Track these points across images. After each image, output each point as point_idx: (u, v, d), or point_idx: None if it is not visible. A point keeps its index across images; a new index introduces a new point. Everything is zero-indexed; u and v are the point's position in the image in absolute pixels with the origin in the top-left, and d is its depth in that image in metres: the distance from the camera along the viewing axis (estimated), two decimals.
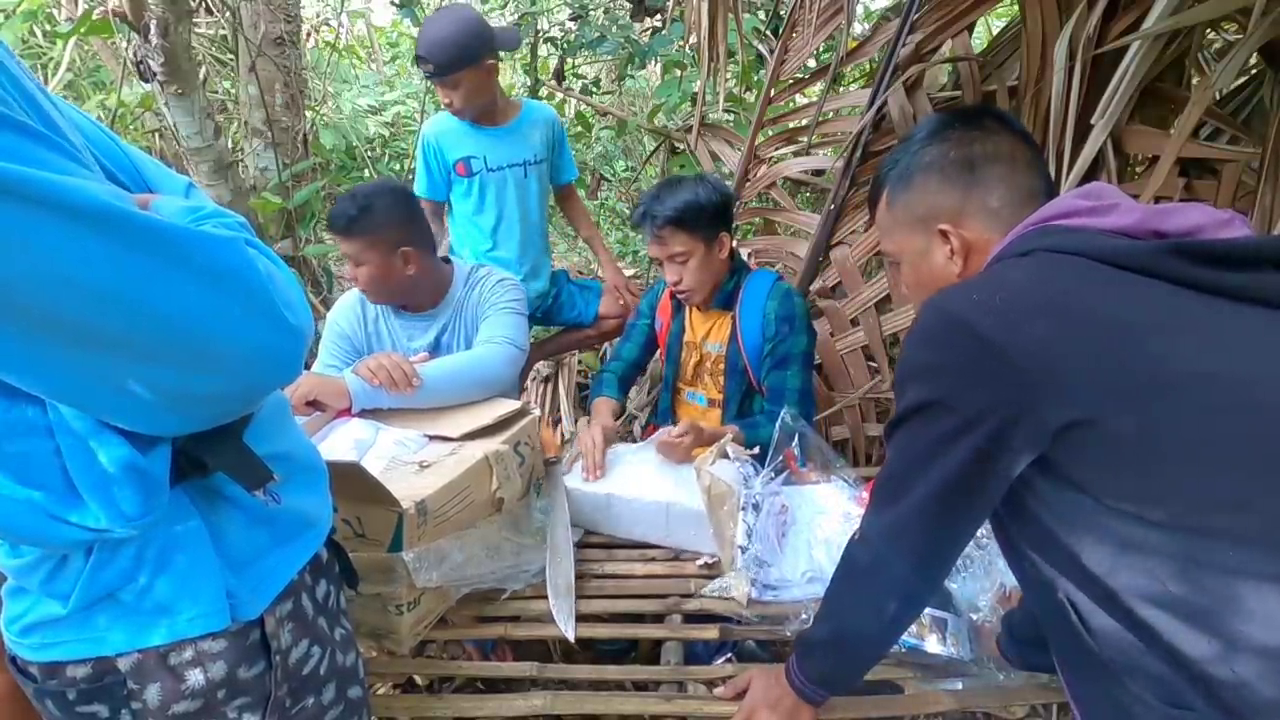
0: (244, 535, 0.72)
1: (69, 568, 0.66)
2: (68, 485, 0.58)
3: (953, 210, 0.91)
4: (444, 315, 1.73)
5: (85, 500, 0.58)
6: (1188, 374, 0.67)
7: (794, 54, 2.35)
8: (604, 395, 1.86)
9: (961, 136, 0.92)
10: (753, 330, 1.69)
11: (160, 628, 0.68)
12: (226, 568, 0.70)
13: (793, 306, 1.68)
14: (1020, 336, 0.72)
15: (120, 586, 0.67)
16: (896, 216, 0.97)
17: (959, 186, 0.90)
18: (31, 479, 0.58)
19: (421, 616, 1.24)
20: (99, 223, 0.48)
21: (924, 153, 0.93)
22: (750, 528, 1.35)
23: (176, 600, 0.68)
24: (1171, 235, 0.76)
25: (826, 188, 2.33)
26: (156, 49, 1.78)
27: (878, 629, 0.93)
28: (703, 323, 1.79)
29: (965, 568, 1.28)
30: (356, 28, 5.58)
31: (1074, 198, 0.83)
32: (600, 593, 1.38)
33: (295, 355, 0.63)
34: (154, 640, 0.68)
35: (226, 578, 0.70)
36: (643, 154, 5.16)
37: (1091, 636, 0.75)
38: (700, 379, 1.82)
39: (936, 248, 0.92)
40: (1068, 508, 0.74)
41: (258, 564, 0.73)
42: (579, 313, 2.44)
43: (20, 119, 0.49)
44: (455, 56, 1.95)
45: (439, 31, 1.95)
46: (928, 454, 0.79)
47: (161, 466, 0.62)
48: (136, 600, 0.67)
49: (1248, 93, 1.96)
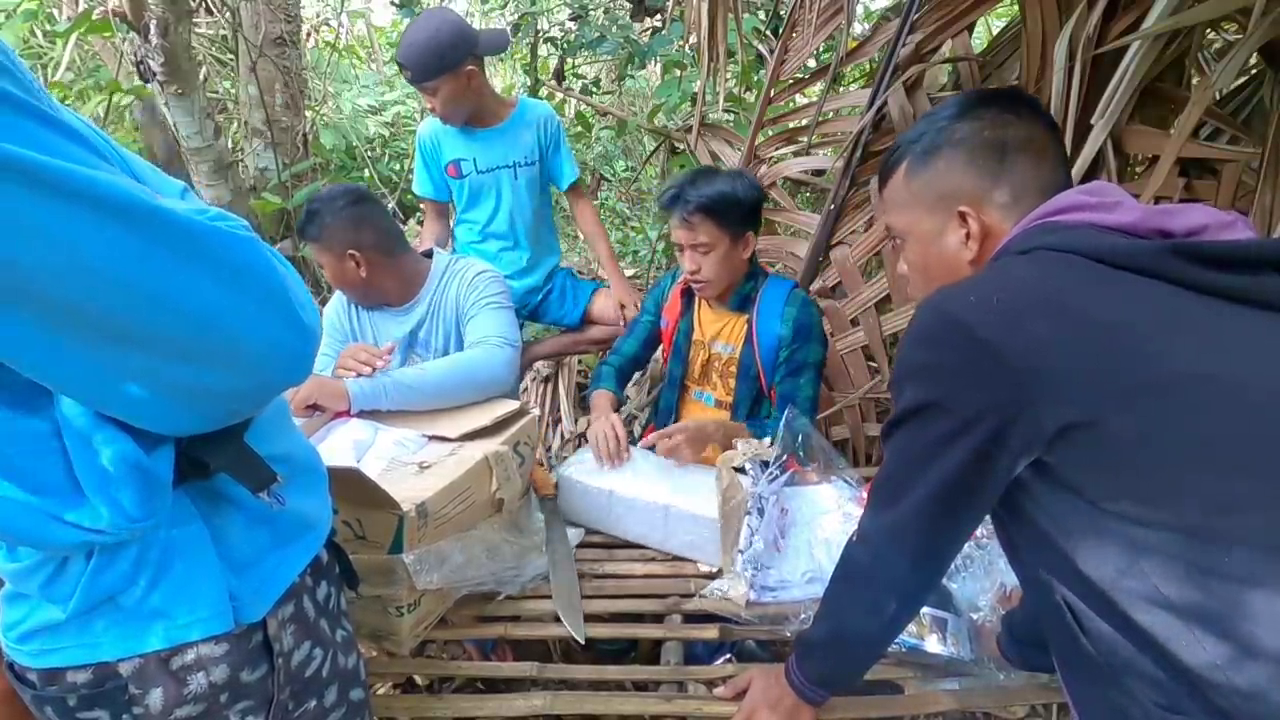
0: (245, 537, 0.72)
1: (68, 572, 0.66)
2: (70, 486, 0.58)
3: (977, 193, 0.87)
4: (419, 309, 1.75)
5: (87, 500, 0.58)
6: (1187, 375, 0.67)
7: (794, 54, 2.35)
8: (603, 388, 1.84)
9: (996, 118, 0.87)
10: (769, 335, 1.68)
11: (160, 631, 0.68)
12: (229, 570, 0.70)
13: (811, 315, 1.68)
14: (1018, 337, 0.71)
15: (121, 590, 0.66)
16: (913, 191, 0.92)
17: (987, 169, 0.86)
18: (32, 481, 0.58)
19: (421, 618, 1.24)
20: (124, 214, 0.48)
21: (954, 128, 0.89)
22: (753, 531, 1.36)
23: (177, 604, 0.68)
24: (1174, 235, 0.76)
25: (826, 188, 2.33)
26: (156, 49, 1.78)
27: (876, 629, 0.93)
28: (713, 322, 1.78)
29: (965, 568, 1.28)
30: (356, 28, 5.58)
31: (1077, 193, 0.82)
32: (600, 593, 1.39)
33: (308, 354, 0.63)
34: (155, 645, 0.67)
35: (229, 580, 0.70)
36: (643, 154, 5.16)
37: (1088, 638, 0.75)
38: (709, 379, 1.82)
39: (952, 230, 0.88)
40: (1064, 510, 0.74)
41: (259, 566, 0.73)
42: (565, 312, 2.40)
43: (45, 109, 0.49)
44: (432, 65, 1.93)
45: (416, 37, 1.93)
46: (925, 455, 0.79)
47: (165, 466, 0.61)
48: (137, 605, 0.67)
49: (1248, 93, 1.96)
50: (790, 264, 2.46)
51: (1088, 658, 0.75)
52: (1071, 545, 0.73)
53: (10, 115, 0.46)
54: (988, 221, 0.86)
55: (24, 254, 0.45)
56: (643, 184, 5.15)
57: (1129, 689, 0.72)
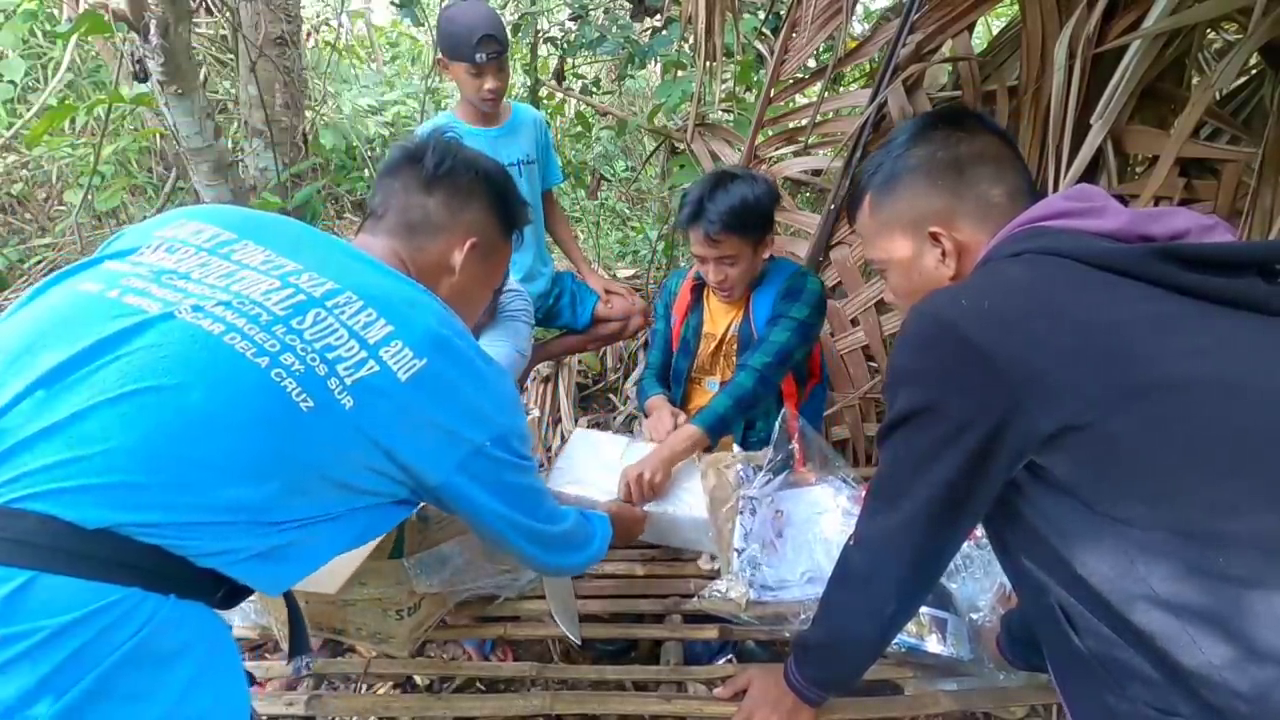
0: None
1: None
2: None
3: (943, 212, 0.89)
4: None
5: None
6: (1179, 377, 0.67)
7: (794, 54, 2.35)
8: (653, 394, 1.85)
9: (946, 137, 0.91)
10: (763, 308, 1.71)
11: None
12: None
13: (801, 282, 1.69)
14: (1009, 340, 0.72)
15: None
16: (881, 222, 0.95)
17: (948, 188, 0.89)
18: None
19: (421, 621, 1.24)
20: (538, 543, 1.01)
21: (908, 155, 0.92)
22: (747, 530, 1.36)
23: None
24: (1158, 239, 0.76)
25: (826, 188, 2.33)
26: (156, 49, 1.77)
27: (874, 631, 0.94)
28: (725, 313, 1.81)
29: (965, 568, 1.28)
30: (356, 28, 5.57)
31: (1061, 199, 0.83)
32: (600, 593, 1.39)
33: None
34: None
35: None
36: (643, 154, 5.16)
37: (1082, 639, 0.75)
38: (717, 365, 1.84)
39: (927, 251, 0.91)
40: (1057, 511, 0.74)
41: None
42: (575, 316, 2.46)
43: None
44: (507, 36, 2.01)
45: (483, 11, 1.99)
46: (920, 459, 0.79)
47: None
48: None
49: (1248, 93, 1.96)
50: None
51: (1081, 659, 0.75)
52: (1066, 547, 0.73)
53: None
54: (960, 237, 0.89)
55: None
56: (643, 184, 5.15)
57: (1123, 690, 0.72)
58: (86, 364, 0.67)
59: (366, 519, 0.83)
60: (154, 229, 0.83)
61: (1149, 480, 0.68)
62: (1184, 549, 0.66)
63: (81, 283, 0.75)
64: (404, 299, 0.82)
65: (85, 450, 0.63)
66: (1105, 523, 0.69)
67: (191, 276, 0.76)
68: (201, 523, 0.67)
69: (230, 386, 0.69)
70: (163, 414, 0.66)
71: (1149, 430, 0.67)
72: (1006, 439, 0.73)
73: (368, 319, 0.77)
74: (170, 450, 0.66)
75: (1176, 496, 0.67)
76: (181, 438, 0.66)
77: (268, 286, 0.76)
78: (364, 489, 0.78)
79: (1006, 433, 0.72)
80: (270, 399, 0.70)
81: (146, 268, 0.77)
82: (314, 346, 0.73)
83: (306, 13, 4.35)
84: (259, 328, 0.72)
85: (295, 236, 0.86)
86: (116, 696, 0.61)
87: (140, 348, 0.68)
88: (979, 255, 0.86)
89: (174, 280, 0.75)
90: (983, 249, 0.86)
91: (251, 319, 0.73)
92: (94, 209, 3.33)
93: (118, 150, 3.49)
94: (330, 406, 0.72)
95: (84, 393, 0.65)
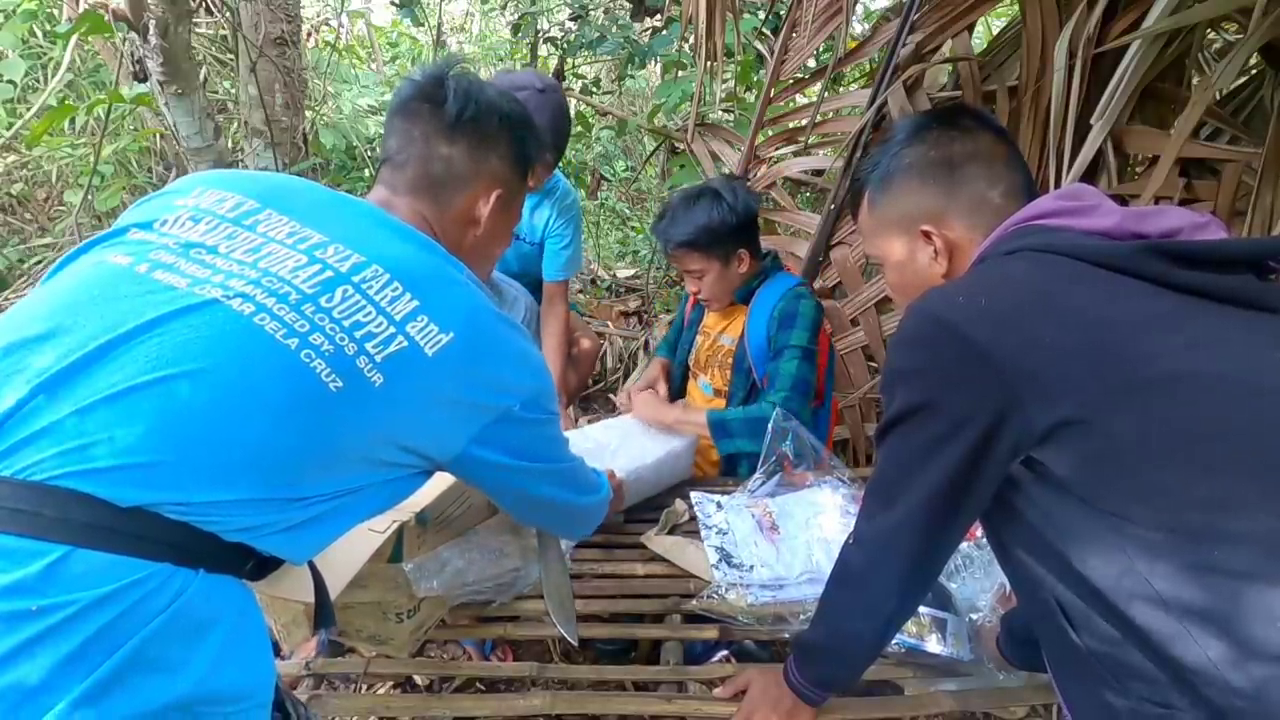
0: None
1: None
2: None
3: (935, 211, 0.90)
4: None
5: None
6: (1175, 373, 0.67)
7: (794, 54, 2.35)
8: (660, 355, 2.03)
9: (940, 136, 0.91)
10: (759, 330, 1.73)
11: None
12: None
13: (796, 305, 1.70)
14: (1006, 337, 0.72)
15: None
16: (878, 220, 0.97)
17: (940, 187, 0.90)
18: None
19: (421, 623, 1.24)
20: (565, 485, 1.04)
21: (903, 154, 0.93)
22: (720, 548, 1.37)
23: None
24: (1150, 237, 0.77)
25: (826, 188, 2.33)
26: (156, 49, 1.77)
27: (873, 631, 0.94)
28: (723, 316, 1.85)
29: (965, 568, 1.28)
30: (356, 28, 5.57)
31: (1054, 199, 0.83)
32: (600, 593, 1.38)
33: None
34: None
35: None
36: (643, 154, 5.16)
37: (1079, 636, 0.75)
38: (710, 368, 1.87)
39: (920, 250, 0.92)
40: (1055, 508, 0.74)
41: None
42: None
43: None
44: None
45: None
46: (918, 458, 0.79)
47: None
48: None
49: (1248, 93, 1.96)
50: (790, 264, 2.46)
51: (1080, 656, 0.75)
52: (1065, 544, 0.73)
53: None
54: (951, 236, 0.89)
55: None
56: (643, 184, 5.15)
57: (1122, 687, 0.72)
58: (120, 346, 0.68)
59: (394, 488, 0.84)
60: (175, 197, 0.82)
61: (1148, 476, 0.68)
62: (1182, 545, 0.66)
63: (110, 254, 0.76)
64: (429, 272, 0.82)
65: (119, 431, 0.64)
66: (1103, 519, 0.69)
67: (219, 250, 0.76)
68: (230, 500, 0.68)
69: (260, 370, 0.70)
70: (195, 397, 0.67)
71: (1146, 426, 0.67)
72: (1004, 435, 0.73)
73: (394, 293, 0.77)
74: (201, 433, 0.67)
75: (1173, 493, 0.67)
76: (212, 420, 0.68)
77: (295, 263, 0.76)
78: (393, 462, 0.79)
79: (1004, 429, 0.72)
80: (300, 381, 0.71)
81: (174, 239, 0.77)
82: (343, 325, 0.73)
83: (306, 13, 4.35)
84: (288, 307, 0.72)
85: (317, 201, 0.85)
86: (149, 668, 0.62)
87: (172, 330, 0.69)
88: (973, 254, 0.86)
89: (202, 254, 0.75)
90: (976, 247, 0.86)
91: (281, 298, 0.73)
92: (94, 209, 3.33)
93: (117, 150, 3.49)
94: (360, 386, 0.73)
95: (118, 374, 0.66)
